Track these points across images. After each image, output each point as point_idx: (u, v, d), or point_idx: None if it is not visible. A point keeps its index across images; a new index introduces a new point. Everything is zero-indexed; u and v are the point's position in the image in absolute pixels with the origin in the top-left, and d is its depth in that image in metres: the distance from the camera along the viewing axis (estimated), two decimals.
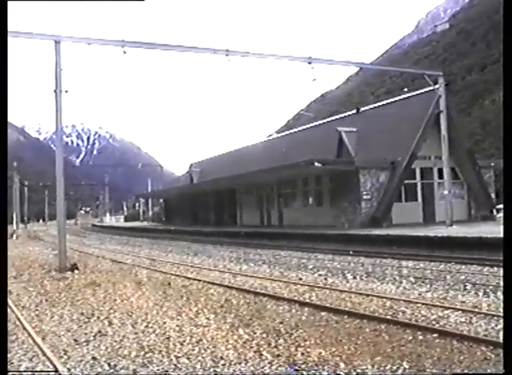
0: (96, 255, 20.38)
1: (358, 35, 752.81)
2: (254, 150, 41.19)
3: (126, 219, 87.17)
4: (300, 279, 11.26)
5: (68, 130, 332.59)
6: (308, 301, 8.44)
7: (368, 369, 4.84)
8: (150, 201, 74.03)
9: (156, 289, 10.15)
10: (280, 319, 7.08)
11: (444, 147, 22.75)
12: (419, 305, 7.70)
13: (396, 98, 29.80)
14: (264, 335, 6.21)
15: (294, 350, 5.51)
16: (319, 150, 28.73)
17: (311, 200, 29.34)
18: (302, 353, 5.38)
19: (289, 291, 9.57)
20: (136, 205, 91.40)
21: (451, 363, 4.96)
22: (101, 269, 14.39)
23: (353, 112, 32.54)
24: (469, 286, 9.39)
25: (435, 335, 5.93)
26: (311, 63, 18.93)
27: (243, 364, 5.11)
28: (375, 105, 32.59)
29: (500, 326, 6.04)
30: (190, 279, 11.62)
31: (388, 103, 30.36)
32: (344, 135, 28.45)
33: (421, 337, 5.88)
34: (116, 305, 8.60)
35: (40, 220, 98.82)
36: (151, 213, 71.41)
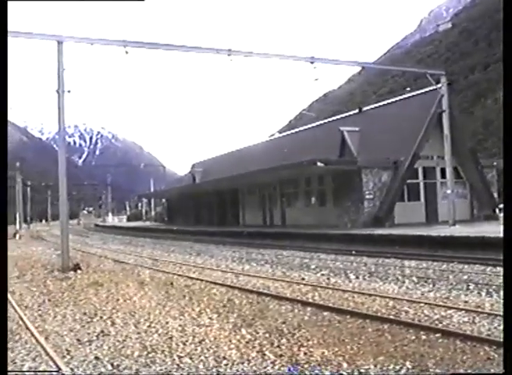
0: (99, 254, 20.41)
1: (360, 35, 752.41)
2: (256, 150, 41.17)
3: (128, 219, 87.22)
4: (303, 279, 11.25)
5: (70, 130, 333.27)
6: (311, 301, 8.43)
7: (371, 369, 4.83)
8: (152, 201, 74.09)
9: (159, 289, 10.16)
10: (283, 319, 7.08)
11: (447, 146, 22.71)
12: (422, 304, 7.69)
13: (399, 98, 29.79)
14: (267, 335, 6.21)
15: (297, 350, 5.51)
16: (321, 150, 28.68)
17: (313, 200, 29.32)
18: (305, 353, 5.38)
19: (292, 290, 9.56)
20: (139, 205, 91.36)
21: (454, 363, 4.95)
22: (103, 269, 14.41)
23: (356, 111, 32.52)
24: (472, 286, 9.37)
25: (438, 335, 5.92)
26: (313, 63, 18.91)
27: (246, 364, 5.11)
28: (377, 104, 32.58)
29: None
30: (192, 279, 11.63)
31: (390, 103, 30.32)
32: (346, 135, 28.41)
33: (424, 337, 5.87)
34: (119, 304, 8.61)
35: (43, 220, 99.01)
36: (153, 213, 71.48)
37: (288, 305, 8.09)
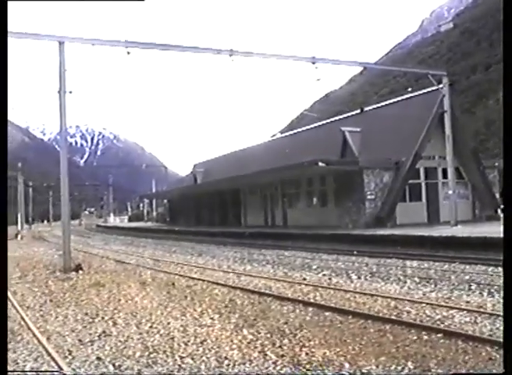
0: (100, 255, 20.43)
1: (362, 35, 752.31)
2: (257, 150, 41.18)
3: (130, 220, 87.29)
4: (305, 279, 11.25)
5: (72, 131, 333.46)
6: (312, 301, 8.43)
7: (373, 370, 4.83)
8: (154, 201, 74.14)
9: (160, 289, 10.16)
10: (284, 320, 7.08)
11: (448, 147, 22.69)
12: (424, 305, 7.68)
13: (400, 98, 29.75)
14: (269, 335, 6.21)
15: (299, 350, 5.51)
16: (323, 150, 28.68)
17: (315, 200, 29.32)
18: (306, 353, 5.37)
19: (294, 291, 9.56)
20: (141, 205, 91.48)
21: (456, 363, 4.94)
22: (105, 269, 14.42)
23: (357, 112, 32.49)
24: (474, 286, 9.37)
25: (440, 335, 5.92)
26: (314, 63, 18.92)
27: (248, 364, 5.11)
28: (378, 104, 32.52)
29: None
30: (194, 279, 11.63)
31: (392, 103, 30.28)
32: (348, 135, 28.42)
33: (425, 337, 5.87)
34: (121, 305, 8.62)
35: (45, 221, 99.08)
36: (155, 214, 71.51)
37: (290, 306, 8.09)
